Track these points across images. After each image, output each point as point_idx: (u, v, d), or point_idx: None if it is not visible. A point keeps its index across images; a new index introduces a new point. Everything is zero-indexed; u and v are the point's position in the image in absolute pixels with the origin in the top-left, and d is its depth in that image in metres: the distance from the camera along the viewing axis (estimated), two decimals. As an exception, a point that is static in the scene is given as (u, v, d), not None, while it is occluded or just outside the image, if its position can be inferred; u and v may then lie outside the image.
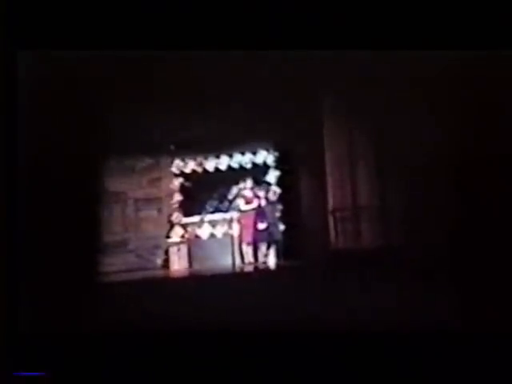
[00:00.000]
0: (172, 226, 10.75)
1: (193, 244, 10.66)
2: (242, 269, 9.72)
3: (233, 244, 10.50)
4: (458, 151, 4.62)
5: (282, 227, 10.33)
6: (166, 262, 10.55)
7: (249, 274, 9.22)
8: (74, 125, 4.28)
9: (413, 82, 5.36)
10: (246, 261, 10.10)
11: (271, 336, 3.64)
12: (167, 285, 8.17)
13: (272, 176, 10.67)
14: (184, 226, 10.76)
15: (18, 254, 3.61)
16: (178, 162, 11.07)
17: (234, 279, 8.45)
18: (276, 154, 10.74)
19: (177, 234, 10.66)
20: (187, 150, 10.80)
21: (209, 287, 6.52)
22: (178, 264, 10.35)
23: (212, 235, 10.81)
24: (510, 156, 4.28)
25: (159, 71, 6.61)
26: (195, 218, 10.87)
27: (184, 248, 10.53)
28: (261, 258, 10.05)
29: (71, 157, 4.21)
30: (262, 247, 10.07)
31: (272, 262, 9.94)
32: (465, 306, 4.07)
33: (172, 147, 10.74)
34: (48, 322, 3.69)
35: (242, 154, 10.95)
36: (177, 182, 11.05)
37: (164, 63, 5.95)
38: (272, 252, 10.08)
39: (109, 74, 5.00)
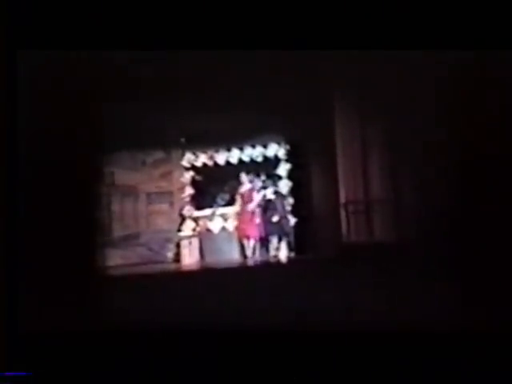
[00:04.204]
0: (183, 219, 10.74)
1: (204, 237, 10.65)
2: (253, 262, 9.71)
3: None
4: (471, 146, 4.57)
5: (293, 221, 10.29)
6: (178, 256, 10.56)
7: (260, 267, 9.21)
8: (76, 123, 4.27)
9: (425, 77, 5.31)
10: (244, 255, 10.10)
11: (282, 330, 3.63)
12: (178, 278, 8.18)
13: (283, 169, 10.62)
14: (195, 220, 10.75)
15: (21, 251, 3.62)
16: (188, 156, 11.06)
17: (245, 273, 8.45)
18: (287, 147, 10.68)
19: (188, 227, 10.65)
20: (198, 143, 10.79)
21: (220, 281, 6.51)
22: (190, 257, 10.35)
23: (223, 228, 10.80)
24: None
25: (170, 66, 6.61)
26: (206, 212, 10.86)
27: (195, 241, 10.53)
28: (272, 252, 10.04)
29: (73, 155, 4.20)
30: (273, 241, 10.06)
31: (283, 255, 9.92)
32: (474, 300, 4.03)
33: (183, 140, 10.74)
34: (53, 321, 3.69)
35: (253, 147, 10.91)
36: (188, 175, 11.04)
37: (174, 58, 5.94)
38: (283, 246, 10.05)
39: (114, 70, 4.99)
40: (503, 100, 4.31)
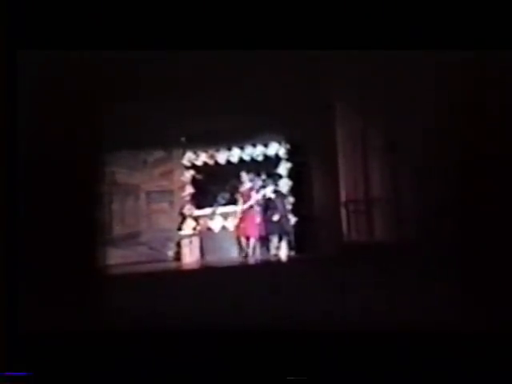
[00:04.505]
0: (184, 218, 10.76)
1: (205, 236, 10.67)
2: (253, 261, 9.72)
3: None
4: (471, 146, 4.57)
5: (293, 220, 10.30)
6: (178, 255, 10.57)
7: (260, 266, 9.21)
8: (76, 123, 4.27)
9: (425, 77, 5.31)
10: (244, 254, 10.11)
11: (282, 329, 3.63)
12: (179, 277, 8.18)
13: (284, 168, 10.62)
14: (196, 219, 10.76)
15: (21, 251, 3.62)
16: (189, 155, 11.06)
17: (245, 272, 8.45)
18: (288, 146, 10.69)
19: (189, 226, 10.66)
20: (198, 142, 10.80)
21: (220, 280, 6.52)
22: (190, 256, 10.36)
23: (224, 228, 10.81)
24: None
25: (170, 66, 6.60)
26: (207, 211, 10.87)
27: (196, 240, 10.54)
28: (272, 251, 10.04)
29: (73, 155, 4.21)
30: (274, 240, 10.06)
31: (284, 254, 9.92)
32: (474, 300, 4.03)
33: (183, 140, 10.75)
34: (53, 321, 3.69)
35: (254, 146, 10.91)
36: (188, 174, 11.05)
37: (174, 58, 5.93)
38: (284, 245, 10.06)
39: (114, 70, 4.99)
40: (503, 100, 4.30)
